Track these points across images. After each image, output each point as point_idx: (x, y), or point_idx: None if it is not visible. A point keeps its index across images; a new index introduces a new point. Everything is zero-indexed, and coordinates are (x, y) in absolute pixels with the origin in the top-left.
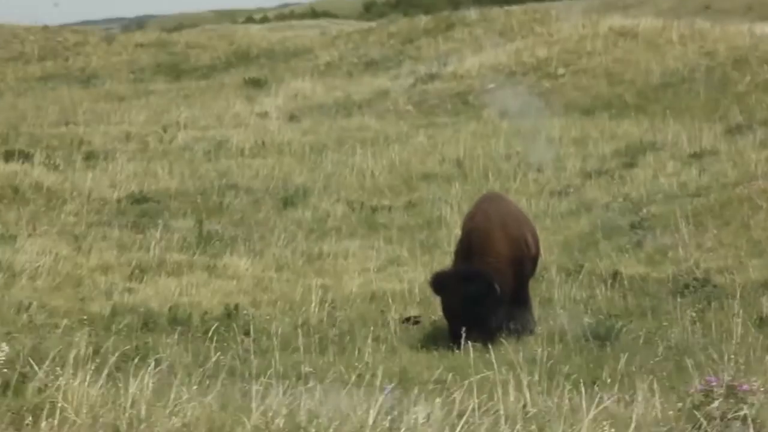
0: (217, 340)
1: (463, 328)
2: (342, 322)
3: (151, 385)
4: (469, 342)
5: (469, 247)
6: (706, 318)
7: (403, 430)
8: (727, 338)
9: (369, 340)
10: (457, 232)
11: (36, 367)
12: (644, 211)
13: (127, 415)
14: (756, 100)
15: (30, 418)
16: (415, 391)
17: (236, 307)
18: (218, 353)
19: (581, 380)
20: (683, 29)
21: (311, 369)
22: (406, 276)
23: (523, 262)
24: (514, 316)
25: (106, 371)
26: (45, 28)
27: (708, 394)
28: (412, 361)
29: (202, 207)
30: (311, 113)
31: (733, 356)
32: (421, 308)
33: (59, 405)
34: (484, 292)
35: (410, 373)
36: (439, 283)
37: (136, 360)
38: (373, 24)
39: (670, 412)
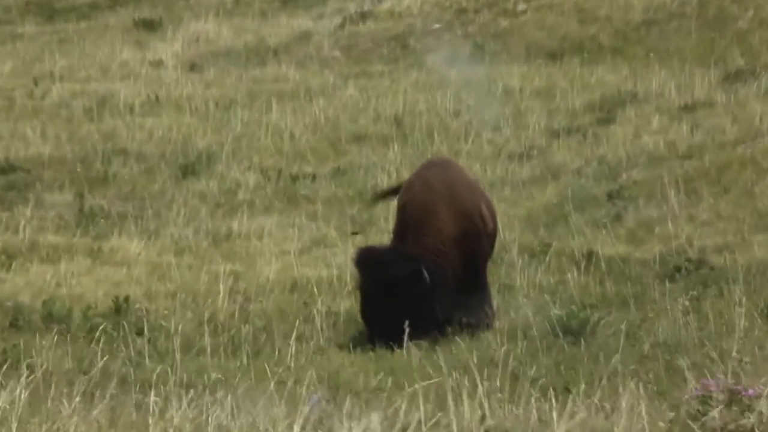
0: (104, 342)
1: (402, 326)
2: (257, 317)
3: (23, 396)
4: (410, 341)
5: (404, 223)
6: (702, 307)
7: None
8: (727, 332)
9: (291, 339)
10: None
11: None
12: (624, 177)
13: None
14: (760, 39)
15: None
16: (348, 400)
17: (126, 300)
18: (105, 357)
19: (550, 386)
20: None
21: (220, 375)
22: (335, 260)
23: (478, 240)
24: (467, 307)
25: None
26: None
27: (705, 401)
28: (343, 363)
29: (82, 177)
30: (216, 61)
31: (735, 354)
32: (352, 299)
33: None
34: (407, 282)
35: (341, 379)
36: (358, 268)
37: (4, 366)
38: None
39: (660, 423)
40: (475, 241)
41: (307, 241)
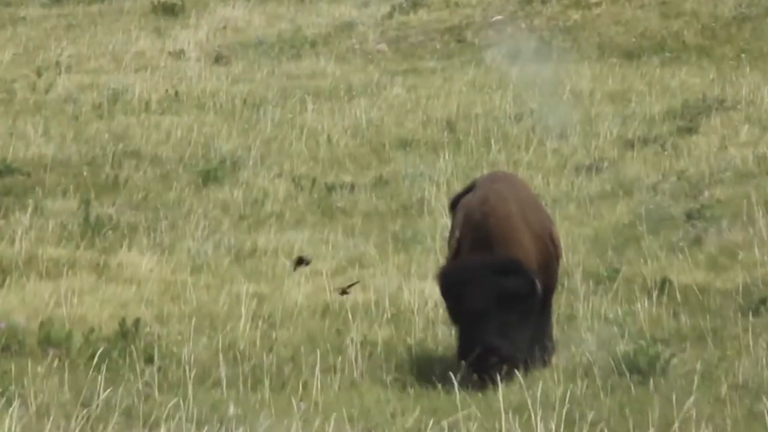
0: (108, 370)
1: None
2: (282, 345)
3: (15, 431)
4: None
5: (486, 238)
6: None
7: None
8: None
9: (318, 371)
10: (445, 221)
11: None
12: (706, 194)
13: None
14: None
15: None
16: None
17: (135, 323)
18: (109, 388)
19: (613, 431)
20: None
21: (238, 410)
22: (373, 282)
23: (551, 268)
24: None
25: None
26: None
27: None
28: (378, 400)
29: (89, 182)
30: (245, 53)
31: None
32: (392, 327)
33: None
34: (523, 291)
35: (375, 418)
36: (457, 277)
37: None
38: None
39: None
40: (549, 268)
41: (343, 260)
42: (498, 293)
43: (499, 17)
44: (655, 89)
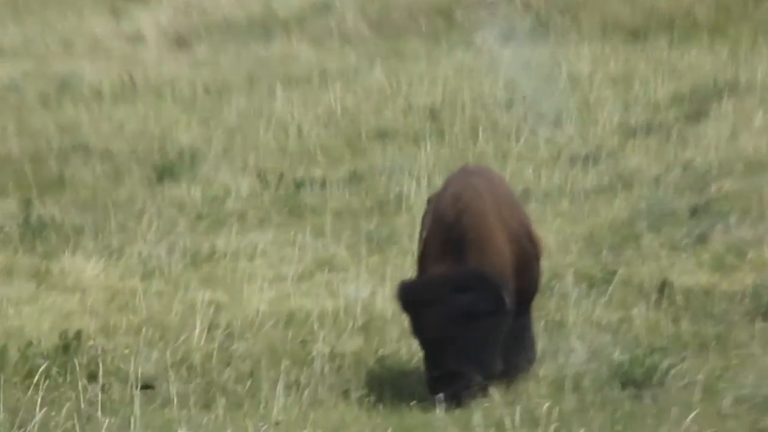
0: (47, 388)
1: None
2: (240, 358)
3: None
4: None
5: (456, 241)
6: None
7: None
8: None
9: (281, 386)
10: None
11: None
12: (713, 188)
13: None
14: None
15: None
16: None
17: (78, 335)
18: (46, 407)
19: None
20: None
21: None
22: (343, 288)
23: (531, 270)
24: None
25: None
26: None
27: None
28: (346, 418)
29: (31, 180)
30: (210, 36)
31: None
32: (362, 337)
33: None
34: (488, 309)
35: None
36: (416, 297)
37: None
38: None
39: None
40: (527, 270)
41: (310, 263)
42: (460, 314)
43: None
44: (662, 72)
